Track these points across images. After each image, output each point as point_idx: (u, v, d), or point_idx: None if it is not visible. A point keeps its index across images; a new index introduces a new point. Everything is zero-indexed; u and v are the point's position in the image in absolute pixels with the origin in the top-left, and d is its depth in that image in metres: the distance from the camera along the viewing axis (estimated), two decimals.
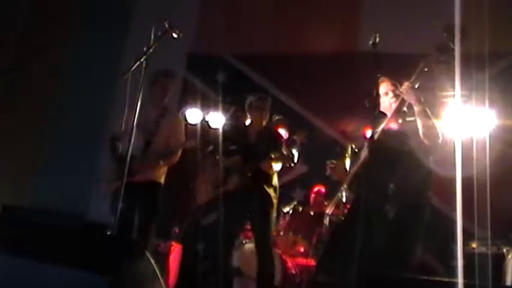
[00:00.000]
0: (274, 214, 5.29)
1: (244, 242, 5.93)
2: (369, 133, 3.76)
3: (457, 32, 4.44)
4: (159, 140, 5.30)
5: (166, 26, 4.26)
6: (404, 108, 4.19)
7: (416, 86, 4.06)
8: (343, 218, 4.46)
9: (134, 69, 4.20)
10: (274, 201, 5.24)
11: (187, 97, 8.06)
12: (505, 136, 6.58)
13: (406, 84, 4.03)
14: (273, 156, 5.11)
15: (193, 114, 7.25)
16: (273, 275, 5.13)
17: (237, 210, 5.11)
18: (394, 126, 4.09)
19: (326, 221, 5.81)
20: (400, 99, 4.12)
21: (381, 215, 3.68)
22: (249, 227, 5.65)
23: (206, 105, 7.54)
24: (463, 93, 5.78)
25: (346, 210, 5.12)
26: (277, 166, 5.15)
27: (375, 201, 3.59)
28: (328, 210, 5.17)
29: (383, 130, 4.00)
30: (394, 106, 4.28)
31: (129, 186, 4.54)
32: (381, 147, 3.78)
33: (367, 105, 3.70)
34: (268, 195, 5.20)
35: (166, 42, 4.39)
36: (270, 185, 5.25)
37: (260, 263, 5.05)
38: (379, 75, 3.75)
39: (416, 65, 4.09)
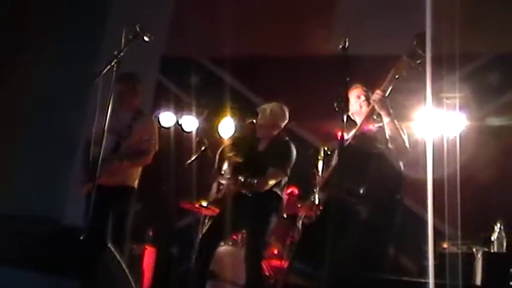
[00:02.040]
0: (273, 223, 5.11)
1: (219, 244, 5.92)
2: (340, 136, 3.79)
3: (428, 33, 4.51)
4: (130, 143, 5.28)
5: (137, 29, 4.25)
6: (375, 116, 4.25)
7: (388, 92, 4.11)
8: (314, 220, 4.47)
9: (106, 72, 4.19)
10: (273, 210, 5.12)
11: (160, 100, 8.04)
12: (475, 137, 6.66)
13: (377, 93, 4.07)
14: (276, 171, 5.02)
15: (167, 118, 7.24)
16: (261, 285, 5.11)
17: (229, 216, 5.03)
18: (364, 130, 4.13)
19: (299, 223, 5.82)
20: (371, 106, 4.16)
21: (352, 217, 3.71)
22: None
23: (180, 108, 7.53)
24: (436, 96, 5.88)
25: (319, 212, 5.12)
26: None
27: (346, 203, 3.62)
28: (301, 213, 5.18)
29: (354, 134, 4.04)
30: (364, 110, 4.32)
31: (102, 189, 4.53)
32: (352, 151, 3.82)
33: (336, 109, 3.73)
34: (265, 201, 5.07)
35: (140, 45, 4.38)
36: (271, 196, 5.10)
37: (249, 271, 4.99)
38: (348, 78, 3.78)
39: (387, 68, 4.12)
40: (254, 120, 5.29)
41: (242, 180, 4.89)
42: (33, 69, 8.27)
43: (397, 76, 3.99)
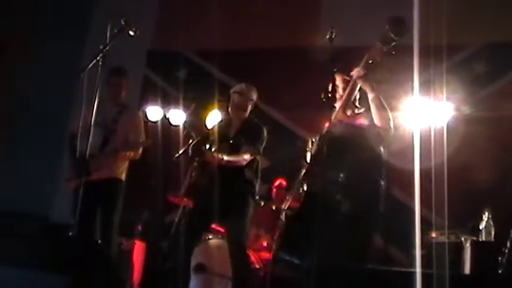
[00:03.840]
0: (250, 211, 5.13)
1: (208, 237, 5.91)
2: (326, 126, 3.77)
3: (416, 25, 4.51)
4: (117, 138, 5.28)
5: (123, 23, 4.24)
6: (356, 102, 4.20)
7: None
8: (297, 211, 4.45)
9: (92, 66, 4.17)
10: (249, 196, 5.12)
11: (147, 94, 8.02)
12: (463, 127, 6.69)
13: (357, 70, 4.01)
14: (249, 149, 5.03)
15: (154, 112, 7.21)
16: (248, 275, 5.11)
17: (205, 206, 5.03)
18: (344, 117, 4.08)
19: (282, 216, 5.83)
20: (350, 86, 4.06)
21: (333, 206, 3.68)
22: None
23: (167, 102, 7.51)
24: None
25: None
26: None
27: (327, 192, 3.59)
28: (284, 205, 5.17)
29: (333, 122, 3.97)
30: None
31: (89, 184, 4.53)
32: (331, 139, 3.78)
33: (324, 100, 3.72)
34: (242, 190, 5.10)
35: (127, 39, 4.37)
36: (243, 180, 5.13)
37: (234, 263, 5.00)
38: (335, 69, 3.77)
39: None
40: (223, 99, 5.30)
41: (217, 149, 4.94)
42: (16, 65, 8.22)
43: (370, 61, 3.93)
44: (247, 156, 5.03)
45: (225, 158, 4.90)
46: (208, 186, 5.01)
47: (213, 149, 4.99)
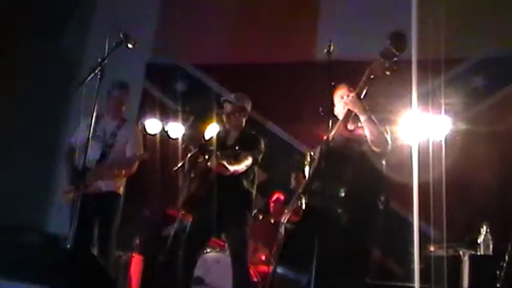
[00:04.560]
0: (249, 222, 5.11)
1: (206, 251, 5.90)
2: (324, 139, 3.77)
3: (414, 39, 4.51)
4: (115, 151, 5.26)
5: (121, 36, 4.24)
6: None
7: (364, 94, 4.08)
8: (295, 225, 4.44)
9: (90, 79, 4.17)
10: (247, 208, 5.11)
11: (146, 107, 8.03)
12: (461, 140, 6.70)
13: (350, 95, 4.04)
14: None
15: (153, 125, 7.22)
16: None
17: (205, 218, 5.00)
18: (345, 131, 4.09)
19: (281, 229, 5.80)
20: (346, 108, 4.11)
21: (333, 219, 3.68)
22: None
23: (165, 115, 7.52)
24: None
25: None
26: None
27: (326, 206, 3.58)
28: (283, 219, 5.13)
29: (333, 136, 3.99)
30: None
31: (87, 197, 4.52)
32: (331, 152, 3.78)
33: (322, 113, 3.73)
34: (240, 202, 5.08)
35: (125, 52, 4.37)
36: (241, 191, 5.11)
37: (235, 276, 4.97)
38: (333, 83, 3.78)
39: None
40: (221, 111, 5.28)
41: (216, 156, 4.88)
42: (13, 75, 8.20)
43: (372, 76, 3.96)
44: (248, 162, 4.97)
45: (227, 166, 4.84)
46: (206, 198, 5.00)
47: (212, 160, 4.96)
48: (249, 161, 4.98)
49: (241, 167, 4.93)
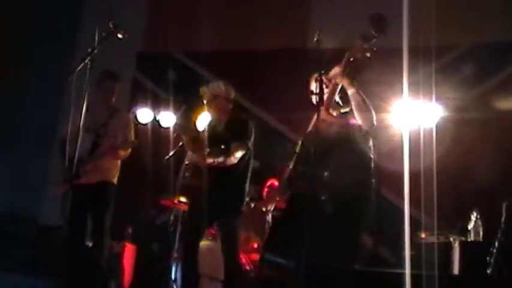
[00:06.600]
0: (241, 211, 5.11)
1: None
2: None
3: (405, 27, 4.52)
4: (107, 141, 5.25)
5: (111, 26, 4.22)
6: (339, 101, 4.13)
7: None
8: (283, 212, 4.43)
9: (80, 69, 4.16)
10: (240, 196, 5.11)
11: (137, 97, 8.01)
12: (451, 128, 6.72)
13: (335, 68, 3.98)
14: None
15: (144, 114, 7.21)
16: (239, 276, 5.11)
17: (200, 207, 5.01)
18: (329, 117, 4.03)
19: (269, 216, 5.82)
20: (331, 85, 4.03)
21: (318, 206, 3.65)
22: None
23: (156, 104, 7.51)
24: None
25: None
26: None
27: (310, 192, 3.56)
28: (270, 207, 5.14)
29: (317, 122, 3.92)
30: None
31: (81, 188, 4.53)
32: (315, 139, 3.73)
33: (314, 102, 3.73)
34: (232, 192, 5.08)
35: (116, 42, 4.35)
36: (233, 179, 5.10)
37: (225, 265, 4.99)
38: (322, 71, 3.76)
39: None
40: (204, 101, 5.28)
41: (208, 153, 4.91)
42: (8, 67, 8.17)
43: (351, 59, 3.93)
44: (238, 155, 4.98)
45: (216, 160, 4.87)
46: (200, 187, 5.00)
47: (203, 151, 4.98)
48: (239, 152, 4.99)
49: (231, 159, 4.95)
